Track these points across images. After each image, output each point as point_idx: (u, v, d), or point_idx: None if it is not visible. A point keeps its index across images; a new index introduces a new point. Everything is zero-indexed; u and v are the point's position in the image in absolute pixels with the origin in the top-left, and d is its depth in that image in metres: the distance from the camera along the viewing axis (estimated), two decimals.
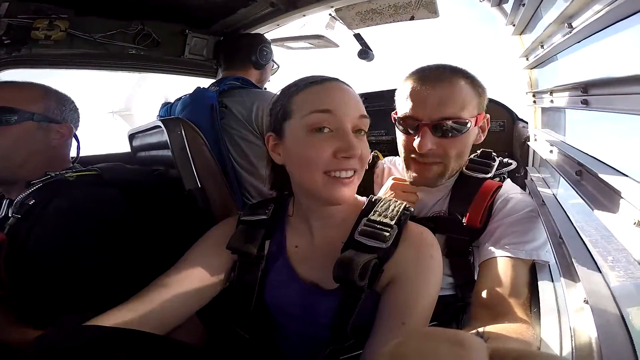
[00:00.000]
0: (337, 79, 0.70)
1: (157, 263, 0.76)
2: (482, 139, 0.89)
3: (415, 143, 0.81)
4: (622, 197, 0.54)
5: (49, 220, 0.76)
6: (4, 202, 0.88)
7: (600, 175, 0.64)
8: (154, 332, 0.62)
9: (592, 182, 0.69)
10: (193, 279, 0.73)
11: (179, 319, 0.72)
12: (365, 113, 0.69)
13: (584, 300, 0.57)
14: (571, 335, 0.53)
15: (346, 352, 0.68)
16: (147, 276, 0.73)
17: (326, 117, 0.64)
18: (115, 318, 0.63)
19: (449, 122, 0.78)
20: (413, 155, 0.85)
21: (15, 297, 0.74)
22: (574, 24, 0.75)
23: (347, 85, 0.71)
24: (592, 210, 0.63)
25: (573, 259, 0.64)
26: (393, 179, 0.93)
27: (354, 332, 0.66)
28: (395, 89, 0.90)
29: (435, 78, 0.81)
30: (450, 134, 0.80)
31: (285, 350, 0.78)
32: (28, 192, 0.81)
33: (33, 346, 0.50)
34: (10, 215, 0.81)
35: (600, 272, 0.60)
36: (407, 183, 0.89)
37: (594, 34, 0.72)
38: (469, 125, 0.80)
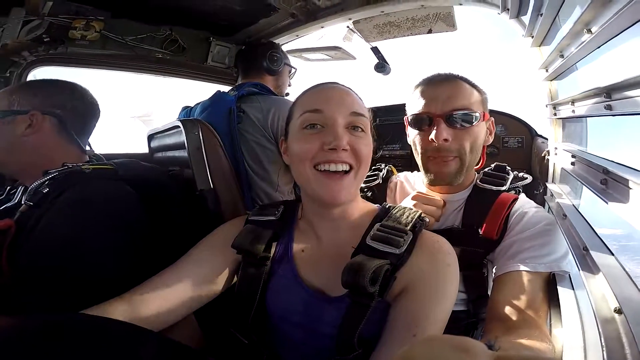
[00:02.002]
0: (333, 82, 0.74)
1: (163, 262, 0.75)
2: (491, 140, 0.93)
3: (432, 135, 0.84)
4: None
5: (60, 209, 0.76)
6: (19, 189, 0.89)
7: (629, 183, 0.61)
8: (148, 328, 0.59)
9: (619, 189, 0.65)
10: (194, 277, 0.71)
11: (175, 317, 0.70)
12: (360, 111, 0.70)
13: (615, 310, 0.53)
14: (602, 346, 0.49)
15: None
16: (151, 274, 0.72)
17: (316, 116, 0.68)
18: (109, 310, 0.62)
19: (460, 112, 0.83)
20: (430, 153, 0.88)
21: (14, 287, 0.72)
22: (593, 29, 0.75)
23: (344, 86, 0.73)
24: (621, 218, 0.59)
25: (601, 269, 0.60)
26: (417, 192, 0.92)
27: (361, 343, 0.62)
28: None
29: (441, 79, 0.88)
30: (462, 125, 0.84)
31: (284, 358, 0.74)
32: (43, 180, 0.82)
33: (8, 330, 0.48)
34: (22, 202, 0.81)
35: (633, 281, 0.55)
36: (431, 197, 0.88)
37: (615, 36, 0.71)
38: (478, 116, 0.84)
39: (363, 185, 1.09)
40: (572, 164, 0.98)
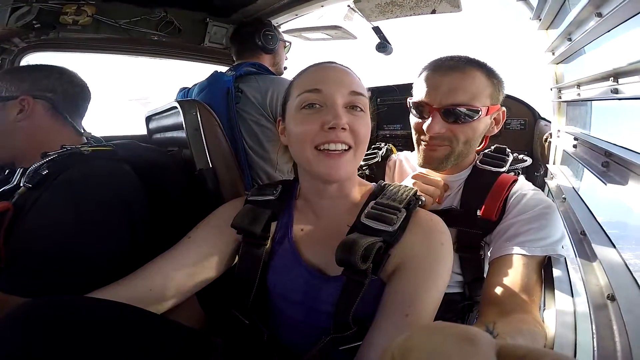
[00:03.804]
0: (331, 62, 0.72)
1: (163, 241, 0.75)
2: (496, 131, 0.90)
3: (425, 125, 0.83)
4: None
5: (57, 190, 0.76)
6: (17, 171, 0.88)
7: (631, 165, 0.60)
8: (150, 310, 0.60)
9: (621, 172, 0.65)
10: (195, 258, 0.72)
11: (177, 299, 0.71)
12: (359, 90, 0.69)
13: (608, 296, 0.54)
14: (592, 333, 0.50)
15: (347, 342, 0.65)
16: (151, 256, 0.72)
17: (315, 95, 0.66)
18: (110, 293, 0.62)
19: (459, 109, 0.80)
20: (422, 138, 0.87)
21: (12, 269, 0.71)
22: (603, 12, 0.72)
23: (343, 66, 0.72)
24: (621, 201, 0.59)
25: (597, 255, 0.60)
26: (419, 172, 0.91)
27: (356, 321, 0.63)
28: (410, 83, 0.93)
29: (448, 67, 0.83)
30: (460, 120, 0.81)
31: (284, 337, 0.76)
32: (42, 162, 0.81)
33: (15, 312, 0.48)
34: (21, 184, 0.80)
35: (628, 268, 0.56)
36: (432, 177, 0.87)
37: (625, 21, 0.68)
38: (479, 113, 0.81)
39: (362, 163, 1.09)
40: (574, 146, 0.97)
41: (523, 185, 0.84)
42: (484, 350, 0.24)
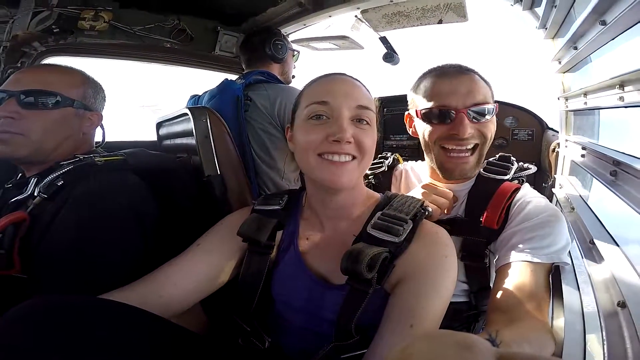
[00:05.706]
0: (341, 74, 0.73)
1: (171, 247, 0.77)
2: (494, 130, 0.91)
3: (455, 130, 0.82)
4: None
5: (75, 204, 0.78)
6: (32, 180, 0.88)
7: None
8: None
9: (629, 181, 0.65)
10: (204, 266, 0.73)
11: (184, 305, 0.71)
12: (367, 104, 0.69)
13: (618, 303, 0.53)
14: (602, 340, 0.49)
15: (348, 350, 0.65)
16: (162, 260, 0.73)
17: (322, 107, 0.68)
18: (120, 297, 0.63)
19: (483, 106, 0.83)
20: (447, 145, 0.85)
21: (29, 278, 0.73)
22: (607, 20, 0.73)
23: (353, 78, 0.73)
24: (630, 209, 0.59)
25: (606, 263, 0.60)
26: (428, 182, 0.91)
27: (358, 330, 0.63)
28: None
29: (456, 72, 0.85)
30: (483, 118, 0.83)
31: (286, 344, 0.76)
32: (58, 173, 0.83)
33: (19, 310, 0.49)
34: (36, 194, 0.81)
35: (638, 274, 0.55)
36: (441, 188, 0.87)
37: (629, 28, 0.69)
38: (494, 109, 0.85)
39: (368, 172, 1.09)
40: (582, 156, 0.96)
41: (527, 193, 0.83)
42: (482, 358, 0.24)
